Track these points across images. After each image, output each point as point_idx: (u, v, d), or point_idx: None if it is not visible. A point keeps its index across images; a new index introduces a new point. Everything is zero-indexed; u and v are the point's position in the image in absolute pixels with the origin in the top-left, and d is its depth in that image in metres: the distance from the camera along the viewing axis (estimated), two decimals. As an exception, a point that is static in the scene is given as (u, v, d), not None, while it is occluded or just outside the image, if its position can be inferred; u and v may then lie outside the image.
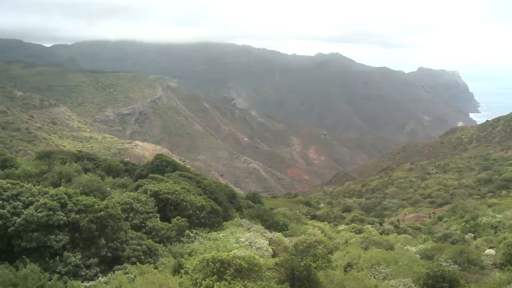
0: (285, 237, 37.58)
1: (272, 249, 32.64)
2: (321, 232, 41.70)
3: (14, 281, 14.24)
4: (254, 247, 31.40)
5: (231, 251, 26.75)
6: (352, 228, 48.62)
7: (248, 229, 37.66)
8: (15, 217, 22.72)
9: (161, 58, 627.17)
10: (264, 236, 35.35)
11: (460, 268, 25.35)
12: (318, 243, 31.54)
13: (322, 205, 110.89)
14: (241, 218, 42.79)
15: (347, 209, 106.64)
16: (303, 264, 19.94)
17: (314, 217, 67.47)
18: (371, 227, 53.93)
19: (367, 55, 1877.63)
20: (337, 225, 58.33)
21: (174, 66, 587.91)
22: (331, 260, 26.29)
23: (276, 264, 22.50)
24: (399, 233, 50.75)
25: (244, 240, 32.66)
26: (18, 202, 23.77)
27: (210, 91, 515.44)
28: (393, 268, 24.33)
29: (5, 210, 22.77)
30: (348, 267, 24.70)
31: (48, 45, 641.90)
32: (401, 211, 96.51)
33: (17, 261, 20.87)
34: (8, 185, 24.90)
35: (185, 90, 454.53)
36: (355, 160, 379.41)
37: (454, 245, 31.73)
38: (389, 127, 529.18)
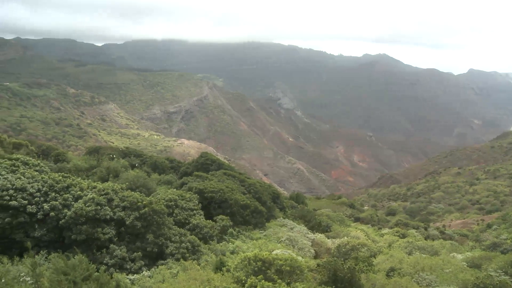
0: (328, 238, 37.30)
1: (314, 250, 32.47)
2: (364, 235, 41.15)
3: (65, 269, 14.78)
4: (296, 248, 31.33)
5: (273, 250, 26.77)
6: (396, 232, 47.76)
7: (291, 229, 37.60)
8: (66, 210, 23.58)
9: (207, 57, 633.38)
10: (307, 237, 35.20)
11: (511, 280, 24.30)
12: (361, 245, 31.18)
13: (366, 207, 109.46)
14: (284, 218, 42.75)
15: (391, 213, 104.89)
16: (347, 266, 19.72)
17: (357, 220, 66.69)
18: (416, 232, 52.87)
19: (415, 56, 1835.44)
20: (380, 228, 57.49)
21: (220, 65, 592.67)
22: (374, 263, 25.88)
23: (318, 265, 22.35)
24: (444, 239, 49.44)
25: (287, 240, 32.61)
26: (68, 194, 24.61)
27: (256, 90, 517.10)
28: (438, 275, 23.63)
29: (57, 202, 23.66)
30: (391, 271, 24.24)
31: (99, 44, 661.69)
32: (447, 216, 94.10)
33: (67, 251, 21.61)
34: (60, 178, 25.85)
35: (231, 89, 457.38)
36: (400, 163, 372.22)
37: (504, 254, 30.57)
38: (436, 130, 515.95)
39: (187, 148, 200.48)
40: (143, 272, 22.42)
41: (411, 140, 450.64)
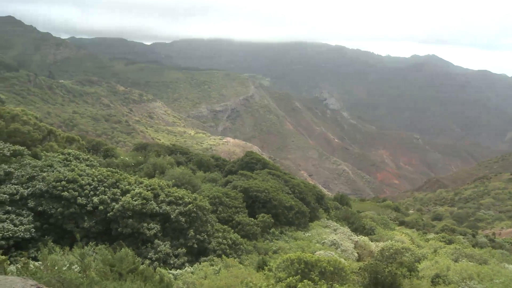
0: (371, 241, 36.81)
1: (357, 252, 32.14)
2: (409, 239, 40.38)
3: (112, 261, 15.20)
4: (339, 250, 31.09)
5: (315, 252, 26.66)
6: (442, 238, 46.56)
7: (335, 230, 37.33)
8: (113, 203, 24.30)
9: (254, 57, 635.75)
10: (350, 239, 34.87)
11: None
12: (405, 250, 30.61)
13: (411, 211, 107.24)
14: (328, 219, 42.51)
15: (438, 218, 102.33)
16: (388, 270, 19.43)
17: (402, 223, 65.44)
18: (463, 239, 51.44)
19: (465, 57, 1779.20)
20: (426, 233, 56.23)
21: (267, 64, 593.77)
22: (418, 269, 25.33)
23: (360, 268, 22.10)
24: (494, 248, 47.81)
25: (330, 242, 32.41)
26: (117, 189, 25.35)
27: (302, 90, 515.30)
28: (487, 285, 22.74)
29: (106, 196, 24.43)
30: (436, 278, 23.63)
31: (148, 43, 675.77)
32: (497, 224, 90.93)
33: (114, 244, 22.21)
34: (109, 173, 26.65)
35: (277, 89, 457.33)
36: (448, 167, 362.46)
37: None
38: (487, 134, 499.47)
39: (233, 146, 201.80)
40: (186, 268, 22.75)
41: (460, 143, 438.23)
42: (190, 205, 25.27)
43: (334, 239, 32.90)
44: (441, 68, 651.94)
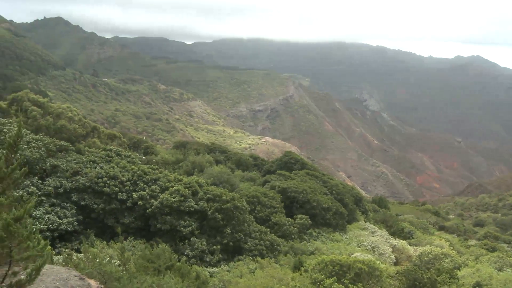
0: (410, 245, 36.22)
1: (395, 256, 31.71)
2: (449, 245, 39.48)
3: (150, 257, 15.53)
4: (376, 253, 30.75)
5: (352, 254, 26.45)
6: (485, 245, 45.29)
7: (372, 233, 36.93)
8: (152, 200, 24.77)
9: (294, 56, 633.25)
10: (388, 243, 34.43)
11: None
12: (444, 256, 29.98)
13: (451, 216, 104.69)
14: (365, 222, 42.10)
15: (480, 224, 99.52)
16: (427, 276, 19.09)
17: (442, 228, 64.08)
18: (507, 247, 49.94)
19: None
20: (467, 239, 54.85)
21: (306, 64, 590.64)
22: (458, 276, 24.70)
23: (398, 272, 21.79)
24: (541, 257, 46.24)
25: (367, 245, 32.10)
26: (156, 186, 25.82)
27: (342, 91, 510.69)
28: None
29: (145, 192, 24.94)
30: (477, 286, 23.00)
31: (189, 43, 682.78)
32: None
33: (152, 239, 22.64)
34: (149, 169, 27.17)
35: (317, 89, 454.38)
36: (492, 172, 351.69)
37: None
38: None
39: (271, 146, 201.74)
40: (222, 266, 22.96)
41: (504, 147, 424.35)
42: (227, 204, 25.48)
43: (372, 242, 32.57)
44: (486, 69, 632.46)
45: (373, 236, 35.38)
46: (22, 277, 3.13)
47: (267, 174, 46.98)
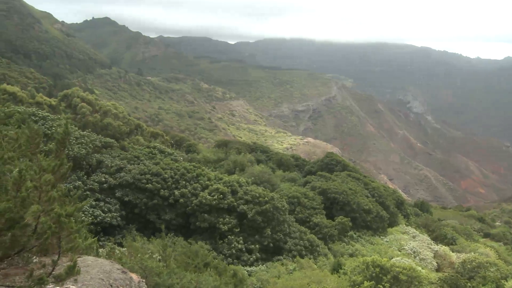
0: (452, 252, 35.33)
1: (437, 262, 31.03)
2: (495, 253, 38.27)
3: (189, 254, 15.82)
4: (417, 258, 30.20)
5: (392, 258, 26.08)
6: (534, 254, 43.75)
7: (413, 237, 36.29)
8: (193, 198, 25.11)
9: (336, 57, 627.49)
10: (430, 248, 33.74)
11: None
12: (490, 265, 29.08)
13: (498, 223, 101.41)
14: (407, 226, 41.42)
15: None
16: (471, 285, 18.61)
17: (487, 236, 62.21)
18: (560, 257, 48.02)
19: None
20: (515, 248, 53.03)
21: (349, 65, 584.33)
22: (505, 287, 23.89)
23: (439, 279, 21.34)
24: None
25: (408, 249, 31.57)
26: (197, 184, 26.16)
27: (385, 92, 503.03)
28: None
29: (186, 190, 25.31)
30: (525, 298, 22.14)
31: (232, 43, 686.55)
32: None
33: (192, 237, 22.97)
34: (191, 167, 27.55)
35: (360, 90, 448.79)
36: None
37: None
38: None
39: (313, 147, 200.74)
40: (259, 266, 23.03)
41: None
42: (267, 205, 25.56)
43: (413, 247, 32.02)
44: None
45: (414, 241, 34.78)
46: (65, 265, 3.29)
47: (308, 174, 46.85)
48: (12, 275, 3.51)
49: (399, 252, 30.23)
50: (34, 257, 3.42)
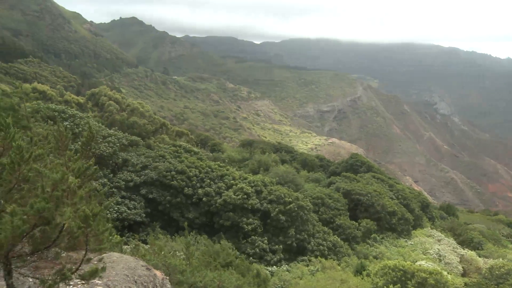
0: (479, 257, 34.70)
1: (463, 267, 30.54)
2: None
3: (212, 253, 15.94)
4: (442, 262, 29.77)
5: (417, 261, 25.81)
6: None
7: (439, 241, 35.79)
8: (217, 196, 25.29)
9: (362, 57, 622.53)
10: (455, 252, 33.22)
11: None
12: (518, 270, 28.52)
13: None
14: (432, 229, 40.87)
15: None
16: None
17: (516, 241, 60.91)
18: None
19: None
20: (546, 255, 51.77)
21: (375, 66, 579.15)
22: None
23: (466, 284, 21.00)
24: None
25: (433, 253, 31.16)
26: (222, 183, 26.33)
27: (411, 93, 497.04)
28: None
29: (211, 189, 25.50)
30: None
31: (258, 42, 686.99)
32: None
33: (215, 235, 23.12)
34: (216, 166, 27.73)
35: (386, 91, 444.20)
36: None
37: None
38: None
39: (338, 148, 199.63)
40: (282, 266, 23.04)
41: None
42: (291, 204, 25.56)
43: (438, 250, 31.58)
44: None
45: (439, 244, 34.30)
46: (92, 265, 3.39)
47: (333, 175, 46.66)
48: (42, 268, 3.66)
49: (423, 256, 29.85)
50: (63, 252, 3.54)
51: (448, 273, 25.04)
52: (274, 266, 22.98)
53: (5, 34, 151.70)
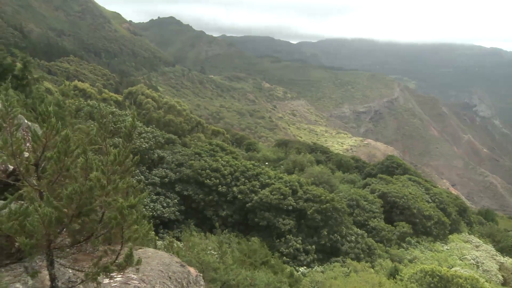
0: (521, 265, 33.68)
1: (502, 275, 29.70)
2: None
3: (247, 251, 16.00)
4: (480, 269, 29.04)
5: (453, 267, 25.27)
6: None
7: (476, 247, 34.93)
8: (252, 195, 25.41)
9: (398, 58, 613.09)
10: (494, 259, 32.34)
11: None
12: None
13: None
14: (469, 234, 39.95)
15: None
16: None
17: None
18: None
19: None
20: None
21: (412, 67, 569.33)
22: None
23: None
24: None
25: (470, 259, 30.43)
26: (256, 182, 26.44)
27: (450, 95, 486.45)
28: None
29: (245, 187, 25.64)
30: None
31: (295, 42, 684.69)
32: None
33: (249, 234, 23.20)
34: (251, 165, 27.87)
35: (423, 92, 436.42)
36: None
37: None
38: None
39: (373, 149, 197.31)
40: (316, 267, 22.95)
41: None
42: (326, 205, 25.45)
43: (476, 257, 30.83)
44: None
45: (477, 250, 33.46)
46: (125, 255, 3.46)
47: (368, 177, 46.20)
48: (81, 261, 3.76)
49: (460, 262, 29.19)
50: (100, 245, 3.61)
51: (486, 281, 24.41)
52: (307, 267, 22.93)
53: (50, 34, 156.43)
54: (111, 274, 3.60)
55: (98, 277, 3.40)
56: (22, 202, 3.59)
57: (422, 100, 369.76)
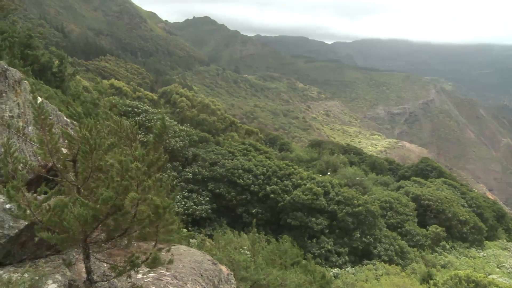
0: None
1: (543, 283, 28.82)
2: None
3: (278, 252, 15.98)
4: (518, 276, 28.25)
5: (490, 274, 24.69)
6: None
7: (515, 254, 34.03)
8: (285, 195, 25.45)
9: (434, 59, 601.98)
10: (534, 267, 31.42)
11: None
12: None
13: None
14: (508, 241, 38.93)
15: None
16: None
17: None
18: None
19: None
20: None
21: (448, 68, 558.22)
22: None
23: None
24: None
25: (509, 267, 29.66)
26: (289, 182, 26.46)
27: (488, 97, 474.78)
28: None
29: (277, 187, 25.69)
30: None
31: (329, 42, 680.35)
32: None
33: (281, 233, 23.19)
34: (284, 165, 27.93)
35: (460, 94, 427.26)
36: None
37: None
38: None
39: (408, 151, 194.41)
40: (347, 268, 22.80)
41: None
42: (359, 207, 25.27)
43: (514, 263, 30.04)
44: None
45: (516, 257, 32.60)
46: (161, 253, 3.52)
47: (402, 179, 45.59)
48: (115, 255, 3.84)
49: (497, 269, 28.46)
50: (134, 242, 3.67)
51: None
52: (339, 268, 22.80)
53: (89, 34, 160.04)
54: (143, 270, 3.69)
55: (127, 273, 3.48)
56: (61, 196, 3.69)
57: (459, 102, 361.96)
